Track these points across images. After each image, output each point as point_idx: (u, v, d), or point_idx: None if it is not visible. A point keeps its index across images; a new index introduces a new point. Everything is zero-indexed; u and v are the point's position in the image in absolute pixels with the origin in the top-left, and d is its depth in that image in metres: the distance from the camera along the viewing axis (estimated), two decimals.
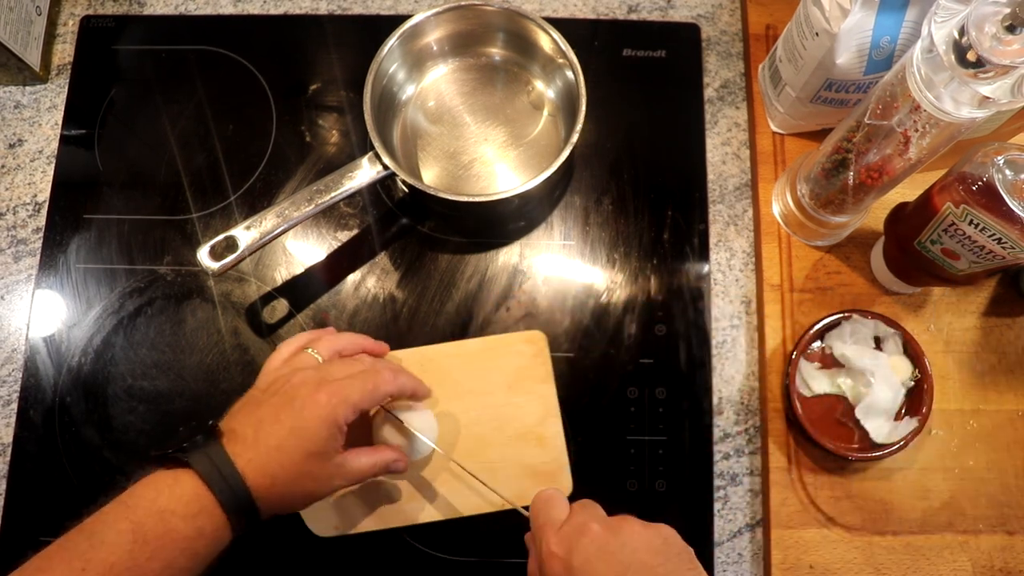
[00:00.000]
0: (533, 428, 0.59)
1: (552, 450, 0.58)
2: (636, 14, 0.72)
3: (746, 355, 0.64)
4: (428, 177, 0.66)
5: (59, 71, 0.70)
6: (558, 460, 0.58)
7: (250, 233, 0.56)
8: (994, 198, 0.46)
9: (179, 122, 0.69)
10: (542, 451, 0.58)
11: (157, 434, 0.59)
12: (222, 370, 0.62)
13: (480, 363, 0.60)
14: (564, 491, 0.57)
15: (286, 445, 0.45)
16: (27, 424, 0.61)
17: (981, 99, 0.42)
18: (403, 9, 0.72)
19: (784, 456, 0.60)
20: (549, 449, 0.58)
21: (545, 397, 0.59)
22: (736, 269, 0.66)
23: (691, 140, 0.68)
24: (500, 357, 0.60)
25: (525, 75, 0.68)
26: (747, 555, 0.60)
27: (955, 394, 0.62)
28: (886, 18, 0.53)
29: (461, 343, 0.61)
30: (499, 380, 0.60)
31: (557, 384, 0.60)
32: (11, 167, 0.68)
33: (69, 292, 0.64)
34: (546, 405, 0.59)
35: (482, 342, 0.61)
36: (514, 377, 0.60)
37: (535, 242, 0.66)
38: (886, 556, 0.58)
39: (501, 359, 0.60)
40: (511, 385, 0.59)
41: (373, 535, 0.56)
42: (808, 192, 0.60)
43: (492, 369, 0.60)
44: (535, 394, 0.59)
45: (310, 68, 0.70)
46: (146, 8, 0.72)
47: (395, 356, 0.60)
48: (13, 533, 0.59)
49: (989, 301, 0.64)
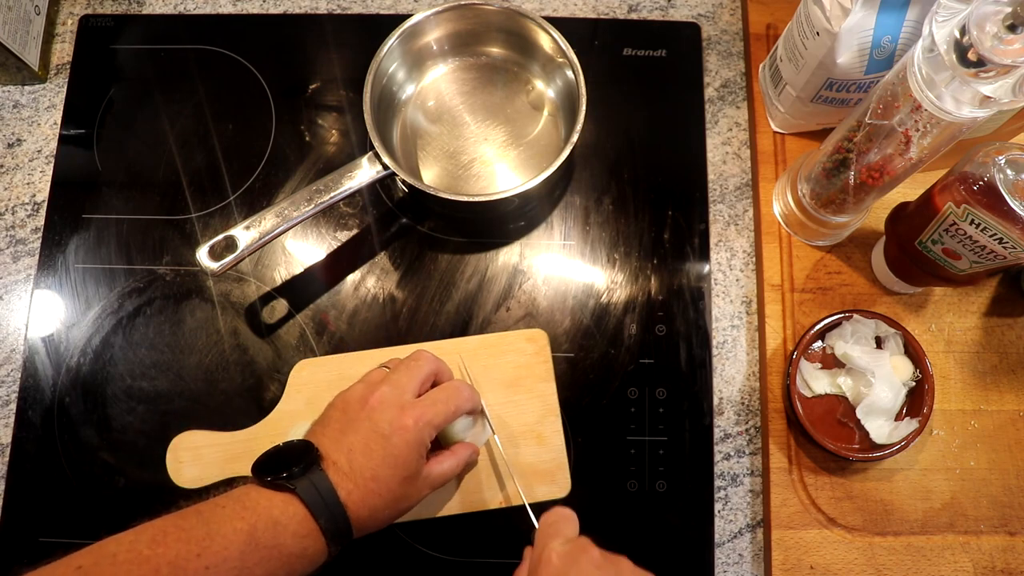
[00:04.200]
0: (532, 426, 0.58)
1: (551, 449, 0.58)
2: (636, 13, 0.72)
3: (747, 355, 0.64)
4: (428, 177, 0.66)
5: (58, 70, 0.70)
6: (557, 459, 0.58)
7: (249, 233, 0.55)
8: (995, 198, 0.46)
9: (178, 122, 0.69)
10: (541, 449, 0.58)
11: (157, 434, 0.59)
12: (221, 370, 0.62)
13: (481, 360, 0.60)
14: (562, 490, 0.57)
15: (381, 475, 0.46)
16: (26, 424, 0.61)
17: (982, 98, 0.42)
18: (403, 8, 0.72)
19: (785, 457, 0.60)
20: (548, 448, 0.58)
21: (545, 396, 0.59)
22: (737, 269, 0.66)
23: (691, 140, 0.68)
24: (501, 354, 0.60)
25: (525, 75, 0.68)
26: (748, 556, 0.60)
27: (956, 394, 0.61)
28: (887, 17, 0.53)
29: (462, 340, 0.61)
30: (499, 377, 0.60)
31: (557, 384, 0.60)
32: (10, 167, 0.68)
33: (68, 292, 0.64)
34: (546, 404, 0.59)
35: (483, 339, 0.61)
36: (514, 375, 0.60)
37: (535, 242, 0.66)
38: (887, 557, 0.58)
39: (502, 356, 0.60)
40: (511, 383, 0.59)
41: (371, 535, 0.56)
42: (809, 192, 0.60)
43: (492, 366, 0.60)
44: (535, 392, 0.59)
45: (310, 67, 0.70)
46: (145, 7, 0.72)
47: (396, 350, 0.60)
48: (12, 533, 0.59)
49: (990, 301, 0.64)
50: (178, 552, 0.41)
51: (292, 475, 0.44)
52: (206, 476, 0.58)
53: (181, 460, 0.58)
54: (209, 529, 0.42)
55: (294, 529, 0.43)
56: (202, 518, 0.43)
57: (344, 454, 0.46)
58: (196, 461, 0.58)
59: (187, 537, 0.42)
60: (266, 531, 0.43)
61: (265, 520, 0.43)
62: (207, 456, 0.58)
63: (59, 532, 0.59)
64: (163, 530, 0.42)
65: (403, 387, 0.49)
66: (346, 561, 0.58)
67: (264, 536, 0.42)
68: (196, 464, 0.58)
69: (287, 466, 0.45)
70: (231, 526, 0.42)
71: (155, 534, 0.42)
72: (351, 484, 0.45)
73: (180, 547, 0.41)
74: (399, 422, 0.47)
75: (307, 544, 0.44)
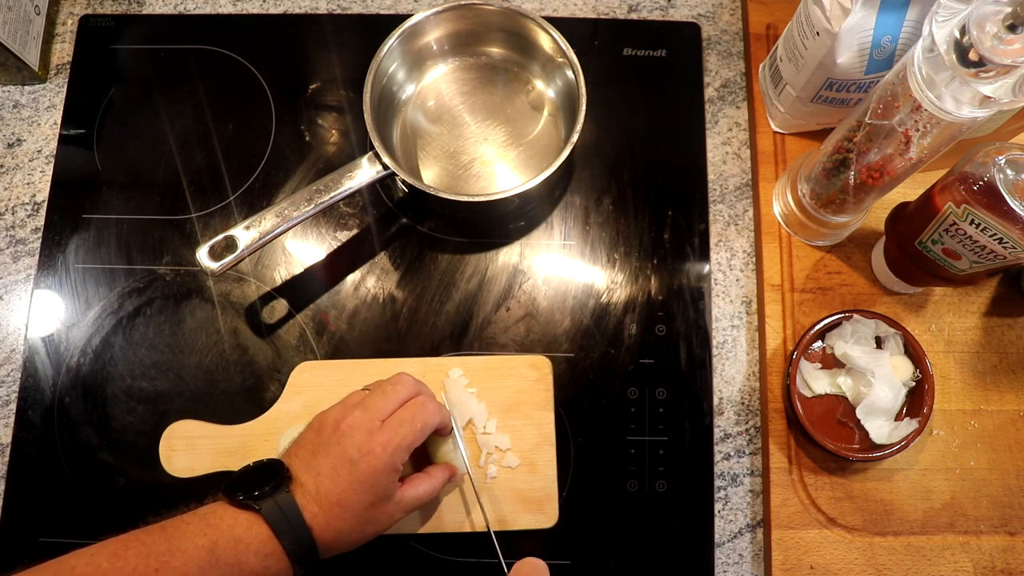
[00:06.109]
0: (526, 453, 0.58)
1: (542, 478, 0.58)
2: (636, 13, 0.72)
3: (747, 355, 0.64)
4: (428, 177, 0.66)
5: (58, 70, 0.70)
6: (546, 489, 0.58)
7: (249, 233, 0.55)
8: (995, 198, 0.46)
9: (178, 121, 0.69)
10: (532, 477, 0.58)
11: (157, 434, 0.59)
12: (221, 370, 0.62)
13: (481, 381, 0.60)
14: (549, 520, 0.57)
15: (346, 500, 0.46)
16: (26, 424, 0.61)
17: (982, 98, 0.42)
18: (403, 8, 0.72)
19: (785, 457, 0.60)
20: (539, 476, 0.58)
21: (542, 424, 0.59)
22: (737, 269, 0.66)
23: (691, 140, 0.68)
24: (502, 377, 0.60)
25: (525, 75, 0.68)
26: (748, 556, 0.60)
27: (956, 394, 0.61)
28: (887, 17, 0.53)
29: (465, 359, 0.61)
30: (498, 401, 0.59)
31: (557, 385, 0.60)
32: (10, 167, 0.68)
33: (68, 292, 0.64)
34: (542, 432, 0.59)
35: (486, 360, 0.61)
36: (514, 399, 0.59)
37: (535, 242, 0.66)
38: (887, 557, 0.58)
39: (503, 380, 0.60)
40: (510, 407, 0.59)
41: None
42: (809, 192, 0.60)
43: (492, 389, 0.59)
44: (532, 419, 0.59)
45: (310, 67, 0.70)
46: (145, 7, 0.72)
47: (398, 365, 0.60)
48: (12, 533, 0.59)
49: (990, 301, 0.64)
50: (136, 567, 0.41)
51: (259, 495, 0.45)
52: (197, 467, 0.58)
53: (174, 448, 0.58)
54: (171, 545, 0.43)
55: (256, 548, 0.44)
56: (165, 533, 0.43)
57: (312, 477, 0.47)
58: (189, 450, 0.58)
59: (148, 552, 0.42)
60: (228, 549, 0.43)
61: (227, 538, 0.43)
62: (200, 447, 0.58)
63: (59, 532, 0.59)
64: (125, 544, 0.43)
65: (377, 411, 0.49)
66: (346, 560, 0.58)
67: (225, 554, 0.43)
68: (188, 453, 0.58)
69: (256, 485, 0.45)
70: (193, 542, 0.43)
71: (117, 548, 0.42)
72: (316, 507, 0.46)
73: (139, 561, 0.42)
74: (367, 447, 0.47)
75: (270, 564, 0.44)
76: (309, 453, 0.48)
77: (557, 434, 0.59)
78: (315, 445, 0.48)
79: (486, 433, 0.58)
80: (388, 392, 0.51)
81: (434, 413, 0.51)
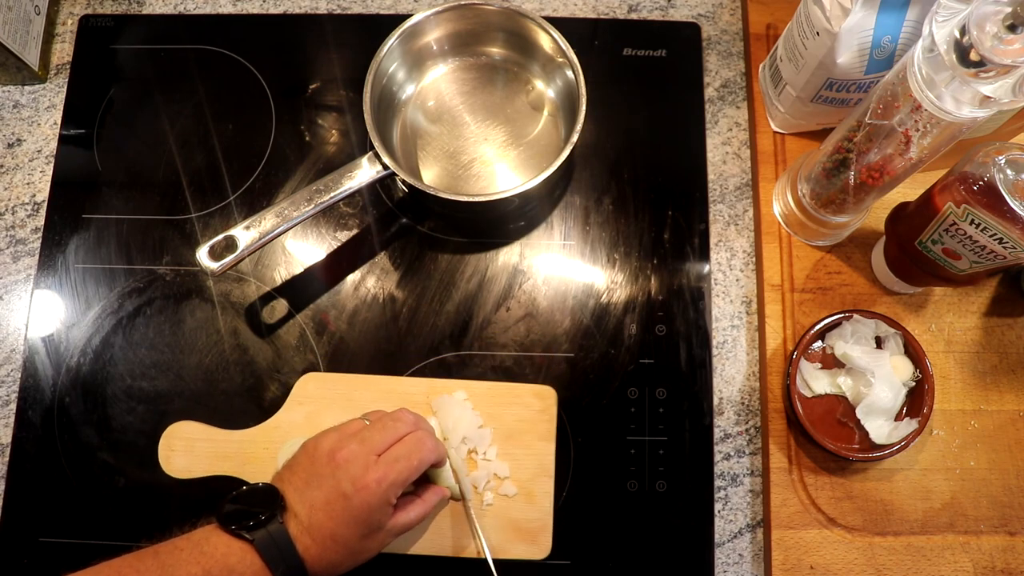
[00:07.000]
0: (524, 483, 0.58)
1: (538, 509, 0.58)
2: (636, 13, 0.72)
3: (747, 355, 0.64)
4: (428, 177, 0.66)
5: (58, 70, 0.70)
6: (542, 520, 0.57)
7: (249, 233, 0.55)
8: (995, 198, 0.46)
9: (178, 122, 0.69)
10: (528, 507, 0.58)
11: (157, 435, 0.59)
12: (221, 370, 0.62)
13: (485, 407, 0.59)
14: (541, 552, 0.57)
15: (339, 534, 0.46)
16: (26, 424, 0.61)
17: (982, 98, 0.42)
18: (403, 8, 0.72)
19: (785, 457, 0.60)
20: (536, 507, 0.58)
21: (542, 455, 0.59)
22: (737, 269, 0.66)
23: (691, 140, 0.68)
24: (507, 405, 0.60)
25: (525, 75, 0.68)
26: (748, 556, 0.60)
27: (956, 394, 0.61)
28: (887, 17, 0.53)
29: (470, 383, 0.61)
30: (500, 428, 0.59)
31: (558, 385, 0.60)
32: (10, 167, 0.68)
33: (68, 292, 0.64)
34: (541, 463, 0.59)
35: (491, 387, 0.60)
36: (516, 428, 0.59)
37: (535, 242, 0.66)
38: (887, 557, 0.58)
39: (507, 407, 0.60)
40: (511, 435, 0.59)
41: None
42: (809, 192, 0.60)
43: (495, 416, 0.59)
44: (533, 450, 0.59)
45: (310, 67, 0.70)
46: (145, 7, 0.72)
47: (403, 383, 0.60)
48: (12, 533, 0.59)
49: (990, 301, 0.64)
50: None
51: (253, 525, 0.45)
52: (194, 468, 0.58)
53: (173, 448, 0.59)
54: (164, 572, 0.43)
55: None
56: (159, 560, 0.43)
57: (306, 508, 0.47)
58: (188, 451, 0.58)
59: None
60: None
61: (220, 567, 0.43)
62: (199, 449, 0.59)
63: (59, 532, 0.59)
64: (118, 571, 0.43)
65: (373, 445, 0.49)
66: None
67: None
68: (187, 455, 0.58)
69: (250, 514, 0.45)
70: (186, 570, 0.43)
71: (110, 575, 0.42)
72: (309, 539, 0.46)
73: None
74: (361, 481, 0.47)
75: None
76: (303, 482, 0.48)
77: (557, 434, 0.60)
78: (309, 474, 0.48)
79: (486, 459, 0.58)
80: (388, 427, 0.51)
81: (431, 450, 0.51)
